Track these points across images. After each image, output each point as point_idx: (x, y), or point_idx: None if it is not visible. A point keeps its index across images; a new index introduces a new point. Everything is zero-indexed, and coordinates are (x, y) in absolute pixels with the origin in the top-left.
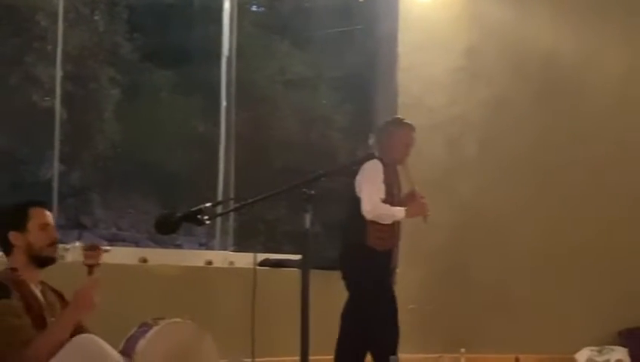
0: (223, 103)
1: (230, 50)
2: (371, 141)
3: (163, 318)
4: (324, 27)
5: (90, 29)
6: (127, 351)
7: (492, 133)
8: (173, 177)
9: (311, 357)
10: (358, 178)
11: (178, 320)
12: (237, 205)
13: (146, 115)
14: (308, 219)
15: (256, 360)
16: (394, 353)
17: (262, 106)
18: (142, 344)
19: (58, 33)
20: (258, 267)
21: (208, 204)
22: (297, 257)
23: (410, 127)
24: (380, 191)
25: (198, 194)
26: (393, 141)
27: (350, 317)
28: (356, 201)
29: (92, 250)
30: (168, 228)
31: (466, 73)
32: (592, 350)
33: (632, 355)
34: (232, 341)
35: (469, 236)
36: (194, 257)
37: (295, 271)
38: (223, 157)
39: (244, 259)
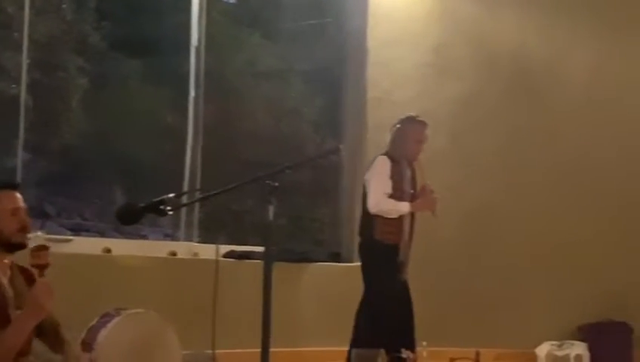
0: (192, 94)
1: (199, 40)
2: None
3: (125, 309)
4: (294, 20)
5: (58, 16)
6: (88, 342)
7: (461, 129)
8: (140, 167)
9: (273, 350)
10: (366, 175)
11: (140, 310)
12: (200, 196)
13: (114, 105)
14: (271, 211)
15: (219, 351)
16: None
17: (231, 98)
18: (103, 334)
19: (24, 20)
20: (223, 259)
21: (171, 195)
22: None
23: (421, 124)
24: (386, 187)
25: (164, 185)
26: (404, 137)
27: (362, 311)
28: (366, 197)
29: (40, 250)
30: (130, 219)
31: (435, 69)
32: (552, 344)
33: (591, 350)
34: (195, 332)
35: (434, 231)
36: (158, 248)
37: (260, 264)
38: (190, 149)
39: (209, 251)
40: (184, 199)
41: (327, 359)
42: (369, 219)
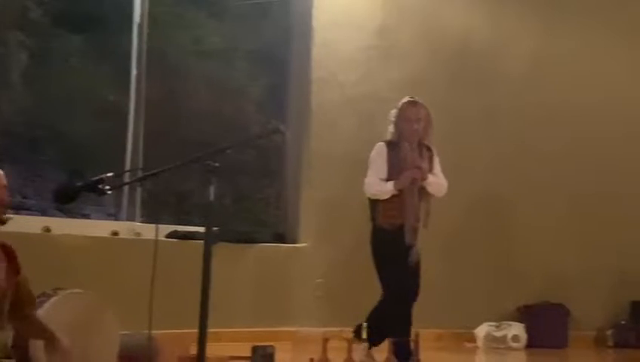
0: (134, 72)
1: (142, 17)
2: None
3: (63, 289)
4: None
5: None
6: None
7: None
8: (82, 145)
9: (213, 330)
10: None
11: (78, 290)
12: (139, 176)
13: (55, 81)
14: (212, 191)
15: (159, 332)
16: (398, 332)
17: (174, 77)
18: (39, 314)
19: None
20: (165, 239)
21: (110, 174)
22: None
23: (411, 103)
24: (380, 172)
25: (107, 164)
26: (397, 119)
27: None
28: None
29: None
30: (67, 198)
31: (380, 51)
32: (490, 325)
33: (528, 330)
34: (136, 313)
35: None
36: (99, 227)
37: (203, 244)
38: (132, 127)
39: (152, 231)
40: (125, 178)
41: (270, 339)
42: (373, 206)
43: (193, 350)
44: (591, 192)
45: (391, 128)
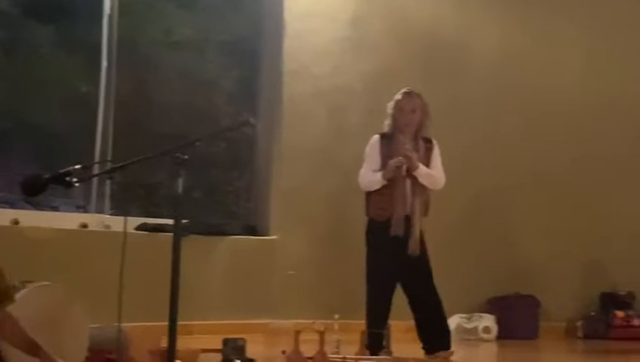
0: (104, 63)
1: (112, 8)
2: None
3: (31, 281)
4: None
5: None
6: None
7: (375, 103)
8: (52, 137)
9: (184, 322)
10: None
11: (46, 283)
12: (107, 168)
13: (25, 72)
14: (180, 183)
15: (129, 325)
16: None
17: (145, 68)
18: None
19: None
20: (134, 231)
21: (78, 166)
22: None
23: (404, 94)
24: (373, 164)
25: (76, 156)
26: (391, 110)
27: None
28: None
29: None
30: (34, 190)
31: (352, 42)
32: (461, 317)
33: (499, 322)
34: (105, 305)
35: (349, 204)
36: (68, 220)
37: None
38: (102, 119)
39: (121, 223)
40: (95, 170)
41: (241, 332)
42: (367, 198)
43: (164, 343)
44: (561, 183)
45: (387, 120)
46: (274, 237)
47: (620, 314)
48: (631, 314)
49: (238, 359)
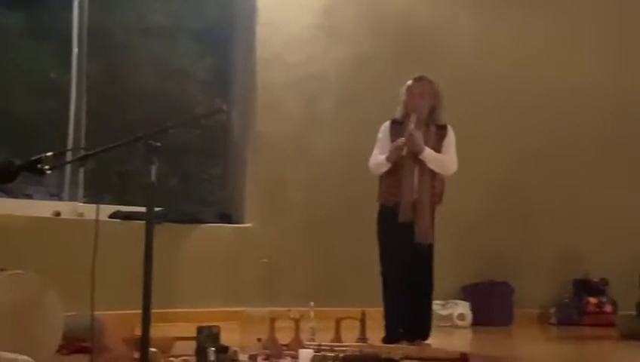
0: (75, 50)
1: None
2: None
3: (4, 270)
4: None
5: None
6: None
7: (349, 91)
8: (25, 125)
9: (158, 310)
10: None
11: (19, 271)
12: (79, 155)
13: None
14: (153, 171)
15: (104, 313)
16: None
17: (117, 55)
18: None
19: None
20: (107, 219)
21: (49, 153)
22: None
23: (415, 78)
24: (383, 149)
25: (48, 143)
26: (404, 95)
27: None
28: None
29: None
30: (6, 178)
31: (325, 31)
32: (436, 304)
33: (473, 309)
34: (79, 294)
35: (323, 192)
36: (41, 208)
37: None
38: (74, 106)
39: (95, 211)
40: (68, 157)
41: (216, 320)
42: (379, 183)
43: (138, 331)
44: (534, 173)
45: (399, 106)
46: (249, 224)
47: (592, 300)
48: (603, 300)
49: (212, 347)
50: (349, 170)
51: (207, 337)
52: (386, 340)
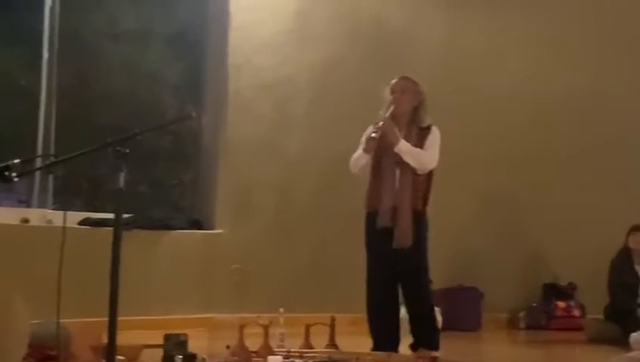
0: (45, 55)
1: (54, 0)
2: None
3: None
4: None
5: None
6: None
7: (320, 95)
8: None
9: (127, 318)
10: None
11: None
12: (47, 163)
13: None
14: (122, 177)
15: (71, 320)
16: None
17: (88, 59)
18: None
19: None
20: (76, 226)
21: (17, 160)
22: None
23: (399, 77)
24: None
25: (19, 149)
26: (387, 94)
27: None
28: None
29: None
30: None
31: (296, 34)
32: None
33: (443, 314)
34: (46, 301)
35: (294, 198)
36: (10, 215)
37: None
38: (44, 112)
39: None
40: (37, 164)
41: (186, 326)
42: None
43: (105, 338)
44: (503, 177)
45: (384, 108)
46: (219, 230)
47: (561, 304)
48: (572, 304)
49: (180, 355)
50: (320, 175)
51: (174, 345)
52: (374, 349)
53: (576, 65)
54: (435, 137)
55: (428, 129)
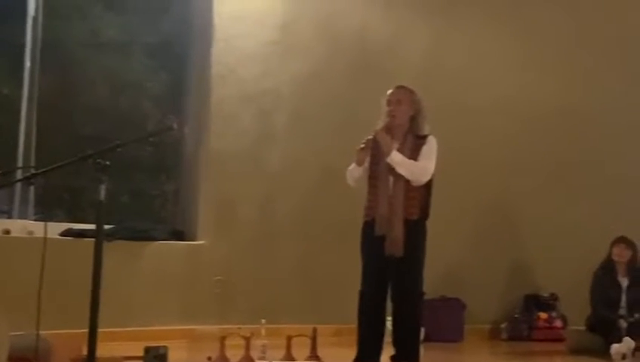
0: (27, 65)
1: (37, 10)
2: None
3: None
4: None
5: None
6: None
7: (303, 106)
8: None
9: (108, 329)
10: None
11: None
12: (26, 174)
13: None
14: (103, 189)
15: (52, 332)
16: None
17: (69, 70)
18: None
19: None
20: (58, 237)
21: None
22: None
23: (395, 87)
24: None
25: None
26: (384, 105)
27: None
28: None
29: None
30: None
31: (281, 47)
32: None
33: (425, 324)
34: (27, 313)
35: (276, 209)
36: None
37: None
38: (25, 122)
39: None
40: (18, 175)
41: (167, 338)
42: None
43: (85, 350)
44: (486, 190)
45: (381, 119)
46: (201, 242)
47: (542, 315)
48: (553, 315)
49: None
50: (303, 187)
51: (154, 358)
52: (357, 357)
53: (561, 80)
54: (430, 147)
55: (424, 138)
